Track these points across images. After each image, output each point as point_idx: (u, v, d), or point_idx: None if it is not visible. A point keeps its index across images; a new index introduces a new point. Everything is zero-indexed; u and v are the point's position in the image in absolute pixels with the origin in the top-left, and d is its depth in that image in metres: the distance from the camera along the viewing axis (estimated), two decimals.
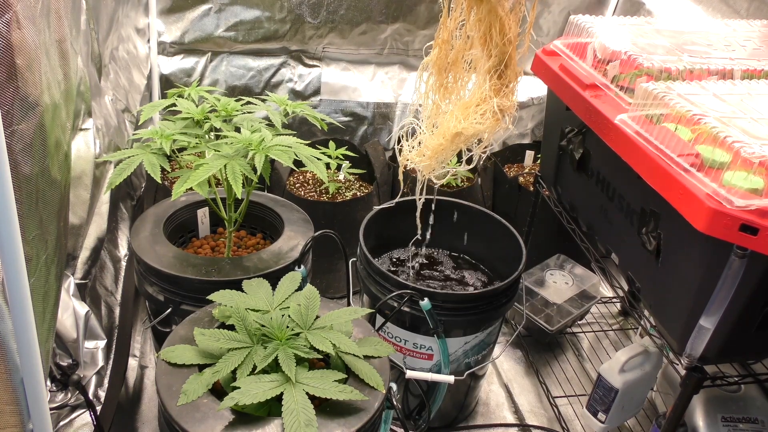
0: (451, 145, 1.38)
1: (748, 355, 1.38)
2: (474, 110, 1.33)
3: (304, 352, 1.12)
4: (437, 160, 1.42)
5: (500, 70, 1.31)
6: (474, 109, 1.33)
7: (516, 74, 1.33)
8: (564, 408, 1.88)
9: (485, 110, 1.31)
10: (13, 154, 0.93)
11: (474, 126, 1.33)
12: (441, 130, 1.38)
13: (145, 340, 1.94)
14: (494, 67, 1.30)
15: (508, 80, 1.32)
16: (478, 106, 1.32)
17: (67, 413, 1.42)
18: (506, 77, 1.31)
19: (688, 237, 1.13)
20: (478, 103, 1.32)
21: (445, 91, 1.39)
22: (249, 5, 2.23)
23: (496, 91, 1.31)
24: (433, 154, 1.41)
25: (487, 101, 1.32)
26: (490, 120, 1.32)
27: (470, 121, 1.32)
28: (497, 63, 1.30)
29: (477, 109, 1.33)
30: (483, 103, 1.32)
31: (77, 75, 1.42)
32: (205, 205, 1.76)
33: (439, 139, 1.38)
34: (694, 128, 1.13)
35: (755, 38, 1.56)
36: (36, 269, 1.04)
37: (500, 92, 1.32)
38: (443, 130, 1.38)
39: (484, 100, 1.31)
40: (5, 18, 0.87)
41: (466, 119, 1.33)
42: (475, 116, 1.32)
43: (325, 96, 2.44)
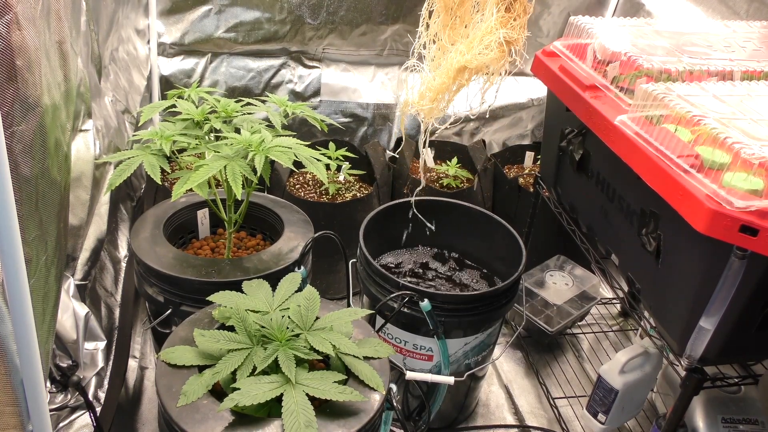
0: (454, 82, 1.33)
1: (748, 356, 1.38)
2: (479, 42, 1.29)
3: (304, 353, 1.11)
4: (439, 101, 1.38)
5: (508, 3, 1.27)
6: (479, 42, 1.29)
7: (525, 8, 1.29)
8: (564, 409, 1.88)
9: (490, 41, 1.27)
10: (13, 155, 0.93)
11: (477, 58, 1.28)
12: (444, 67, 1.33)
13: (145, 341, 1.94)
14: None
15: (516, 14, 1.28)
16: (484, 38, 1.28)
17: (67, 414, 1.42)
18: (514, 10, 1.28)
19: (688, 238, 1.13)
20: (484, 36, 1.28)
21: (451, 31, 1.35)
22: (249, 6, 2.24)
23: (503, 23, 1.27)
24: (434, 95, 1.36)
25: (492, 32, 1.27)
26: (495, 51, 1.27)
27: (474, 53, 1.27)
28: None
29: (482, 41, 1.28)
30: (489, 34, 1.28)
31: (77, 76, 1.42)
32: (205, 206, 1.76)
33: (442, 77, 1.34)
34: (694, 129, 1.13)
35: (755, 39, 1.56)
36: (36, 270, 1.04)
37: (507, 24, 1.27)
38: (446, 68, 1.33)
39: (490, 32, 1.27)
40: (5, 19, 0.87)
41: (470, 52, 1.28)
42: (479, 48, 1.28)
43: (325, 97, 2.44)
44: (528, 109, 2.62)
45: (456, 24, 1.33)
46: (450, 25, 1.33)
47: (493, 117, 2.59)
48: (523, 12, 1.29)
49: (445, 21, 1.32)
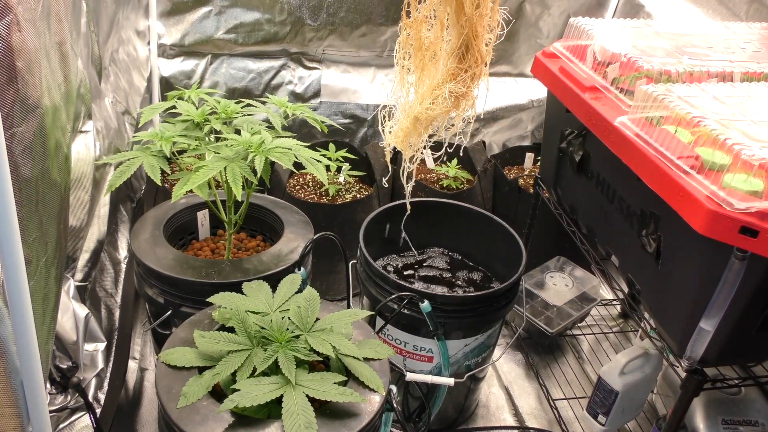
0: (414, 129, 1.32)
1: (749, 358, 1.38)
2: (430, 95, 1.26)
3: (304, 355, 1.11)
4: (407, 144, 1.38)
5: (460, 53, 1.22)
6: (430, 94, 1.27)
7: (478, 59, 1.23)
8: (564, 410, 1.88)
9: (437, 95, 1.25)
10: (13, 156, 0.93)
11: (426, 112, 1.27)
12: (407, 112, 1.33)
13: (145, 343, 1.94)
14: (454, 49, 1.21)
15: (467, 64, 1.23)
16: (434, 90, 1.26)
17: (67, 416, 1.42)
18: (466, 61, 1.22)
19: (688, 239, 1.13)
20: (434, 88, 1.25)
21: (422, 73, 1.31)
22: (249, 7, 2.24)
23: (453, 76, 1.23)
24: (403, 137, 1.36)
25: (440, 87, 1.24)
26: (441, 106, 1.25)
27: (424, 105, 1.26)
28: (458, 45, 1.21)
29: (432, 94, 1.26)
30: (437, 88, 1.25)
31: (77, 77, 1.42)
32: (205, 208, 1.76)
33: (406, 122, 1.34)
34: (694, 130, 1.13)
35: (755, 41, 1.56)
36: (36, 271, 1.04)
37: (457, 77, 1.23)
38: (408, 113, 1.33)
39: (437, 86, 1.25)
40: (6, 21, 0.87)
41: (422, 104, 1.27)
42: (427, 102, 1.27)
43: (325, 98, 2.45)
44: (528, 110, 2.62)
45: (428, 65, 1.30)
46: (422, 67, 1.30)
47: (493, 118, 2.59)
48: (475, 63, 1.24)
49: (417, 63, 1.29)
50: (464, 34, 1.18)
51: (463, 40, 1.19)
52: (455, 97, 1.24)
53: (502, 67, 2.56)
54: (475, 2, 1.16)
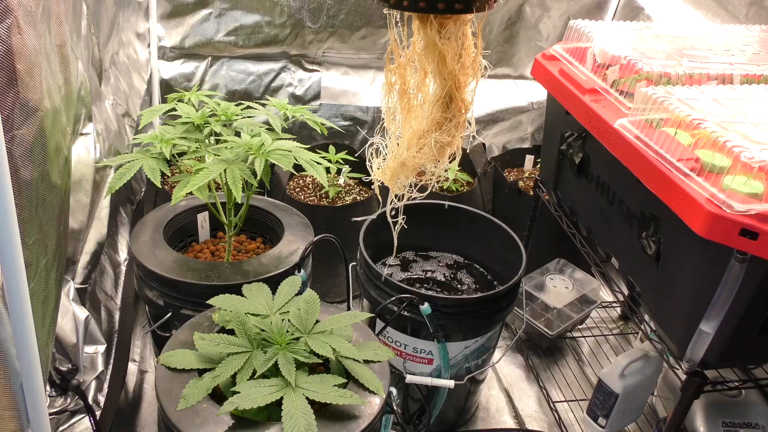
0: (402, 171, 1.34)
1: (749, 360, 1.38)
2: (416, 142, 1.27)
3: (304, 357, 1.11)
4: (395, 182, 1.38)
5: (445, 102, 1.22)
6: (416, 141, 1.27)
7: (461, 108, 1.24)
8: (564, 413, 1.88)
9: (423, 144, 1.26)
10: (13, 158, 0.93)
11: (413, 159, 1.29)
12: (394, 155, 1.34)
13: (145, 345, 1.94)
14: (439, 98, 1.22)
15: (451, 113, 1.23)
16: (419, 139, 1.26)
17: (67, 418, 1.42)
18: (450, 110, 1.23)
19: (688, 241, 1.13)
20: (420, 136, 1.26)
21: (407, 114, 1.30)
22: (249, 10, 2.24)
23: (438, 125, 1.24)
24: (390, 176, 1.37)
25: (425, 136, 1.25)
26: (427, 155, 1.27)
27: (410, 153, 1.28)
28: (442, 95, 1.21)
29: (419, 142, 1.27)
30: (423, 137, 1.26)
31: (78, 80, 1.42)
32: (205, 210, 1.76)
33: (394, 163, 1.35)
34: (694, 133, 1.13)
35: (754, 43, 1.56)
36: (36, 274, 1.03)
37: (443, 125, 1.24)
38: (395, 156, 1.34)
39: (425, 133, 1.25)
40: (6, 23, 0.87)
41: (409, 150, 1.28)
42: (414, 149, 1.28)
43: (325, 100, 2.45)
44: (528, 112, 2.62)
45: (414, 108, 1.29)
46: (407, 109, 1.29)
47: (493, 120, 2.59)
48: (459, 112, 1.23)
49: (403, 105, 1.29)
50: (447, 86, 1.19)
51: (447, 90, 1.20)
52: (440, 146, 1.27)
53: (502, 69, 2.56)
54: (456, 55, 1.17)
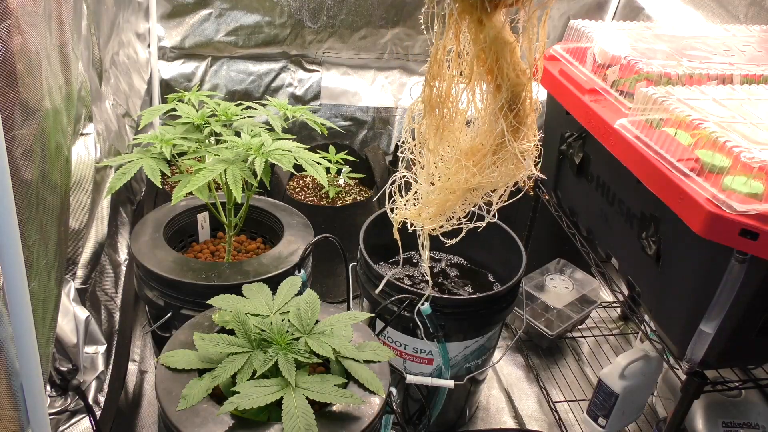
0: (460, 200, 1.13)
1: (749, 360, 1.38)
2: (491, 159, 1.06)
3: (304, 357, 1.11)
4: (444, 217, 1.18)
5: (516, 107, 1.02)
6: (491, 159, 1.06)
7: (533, 108, 1.06)
8: (564, 413, 1.88)
9: (504, 158, 1.05)
10: (13, 158, 0.93)
11: (490, 179, 1.07)
12: (448, 184, 1.11)
13: (145, 345, 1.94)
14: (507, 103, 1.02)
15: (525, 115, 1.03)
16: (495, 154, 1.05)
17: (67, 418, 1.42)
18: (522, 113, 1.03)
19: (688, 241, 1.14)
20: (495, 151, 1.05)
21: (440, 135, 1.10)
22: (249, 10, 2.24)
23: (514, 133, 1.04)
24: (438, 211, 1.16)
25: (504, 147, 1.04)
26: (512, 169, 1.07)
27: (487, 173, 1.06)
28: (510, 98, 1.01)
29: (494, 158, 1.06)
30: (500, 149, 1.05)
31: (78, 80, 1.42)
32: (205, 210, 1.76)
33: (446, 194, 1.12)
34: (694, 133, 1.13)
35: (754, 43, 1.57)
36: (36, 274, 1.03)
37: (518, 133, 1.04)
38: (451, 185, 1.11)
39: (500, 145, 1.05)
40: (6, 23, 0.87)
41: (482, 171, 1.06)
42: (492, 166, 1.06)
43: (325, 100, 2.45)
44: None
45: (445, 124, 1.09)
46: (438, 126, 1.09)
47: None
48: (531, 111, 1.06)
49: (432, 122, 1.09)
50: (511, 86, 0.99)
51: (511, 91, 1.01)
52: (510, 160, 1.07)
53: None
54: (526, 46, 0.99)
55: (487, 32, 0.96)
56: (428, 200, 1.16)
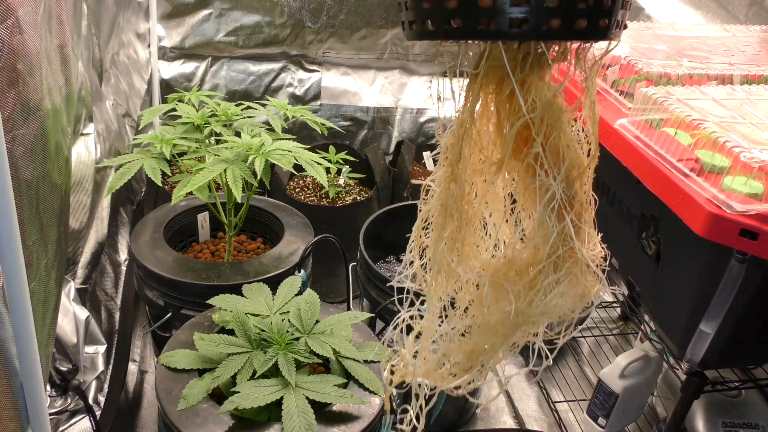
0: (505, 343, 0.79)
1: (749, 360, 1.38)
2: (551, 277, 0.73)
3: (304, 357, 1.11)
4: (475, 370, 0.82)
5: (570, 197, 0.74)
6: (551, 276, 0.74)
7: (590, 198, 0.79)
8: (564, 413, 1.88)
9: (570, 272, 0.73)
10: (13, 158, 0.93)
11: (553, 307, 0.74)
12: (483, 320, 0.78)
13: (145, 345, 1.94)
14: (565, 194, 0.73)
15: (583, 208, 0.77)
16: (557, 269, 0.74)
17: (67, 418, 1.42)
18: (580, 205, 0.76)
19: (688, 242, 1.13)
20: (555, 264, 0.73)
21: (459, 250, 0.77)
22: (249, 10, 2.24)
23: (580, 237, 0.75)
24: (468, 363, 0.81)
25: (567, 257, 0.73)
26: (582, 286, 0.75)
27: (548, 300, 0.73)
28: (565, 190, 0.73)
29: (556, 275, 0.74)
30: (564, 260, 0.73)
31: (78, 80, 1.42)
32: (205, 210, 1.76)
33: (483, 336, 0.78)
34: (694, 133, 1.13)
35: (754, 43, 1.57)
36: (36, 274, 1.04)
37: (579, 234, 0.75)
38: (489, 322, 0.77)
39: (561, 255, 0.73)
40: (7, 23, 0.87)
41: (538, 295, 0.73)
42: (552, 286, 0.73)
43: (325, 100, 2.45)
44: None
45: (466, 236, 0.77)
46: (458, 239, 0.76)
47: None
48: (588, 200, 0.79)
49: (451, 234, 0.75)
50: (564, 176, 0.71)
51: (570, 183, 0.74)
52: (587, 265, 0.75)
53: None
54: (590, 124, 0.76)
55: (536, 96, 0.69)
56: (452, 348, 0.80)
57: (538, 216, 0.73)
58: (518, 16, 0.59)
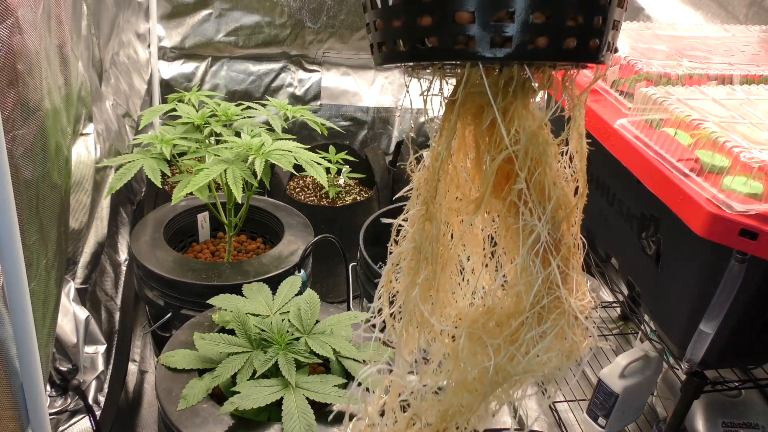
0: (481, 403, 0.74)
1: (749, 360, 1.38)
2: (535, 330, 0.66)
3: (304, 357, 1.11)
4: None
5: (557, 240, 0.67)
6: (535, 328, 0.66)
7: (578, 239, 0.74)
8: (564, 413, 1.88)
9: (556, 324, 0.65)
10: (13, 158, 0.93)
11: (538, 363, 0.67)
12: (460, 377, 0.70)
13: (145, 345, 1.94)
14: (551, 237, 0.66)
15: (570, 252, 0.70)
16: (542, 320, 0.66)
17: (67, 418, 1.42)
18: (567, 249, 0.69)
19: (688, 242, 1.13)
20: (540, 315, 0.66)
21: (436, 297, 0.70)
22: (249, 10, 2.24)
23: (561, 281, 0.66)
24: (441, 425, 0.75)
25: (553, 307, 0.66)
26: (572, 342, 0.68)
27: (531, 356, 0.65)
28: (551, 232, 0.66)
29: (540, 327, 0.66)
30: (550, 311, 0.66)
31: (78, 80, 1.42)
32: (205, 210, 1.76)
33: (458, 395, 0.72)
34: (694, 133, 1.13)
35: (754, 43, 1.57)
36: (36, 274, 1.04)
37: (566, 281, 0.69)
38: (466, 379, 0.70)
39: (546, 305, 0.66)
40: (6, 23, 0.87)
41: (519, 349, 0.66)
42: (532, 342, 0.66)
43: (325, 100, 2.45)
44: None
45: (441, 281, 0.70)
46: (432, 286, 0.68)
47: None
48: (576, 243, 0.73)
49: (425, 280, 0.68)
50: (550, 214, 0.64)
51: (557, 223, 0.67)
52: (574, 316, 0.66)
53: None
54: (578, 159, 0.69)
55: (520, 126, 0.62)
56: (424, 407, 0.72)
57: (521, 260, 0.66)
58: (501, 34, 0.52)
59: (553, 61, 0.59)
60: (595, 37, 0.56)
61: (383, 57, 0.60)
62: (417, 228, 0.68)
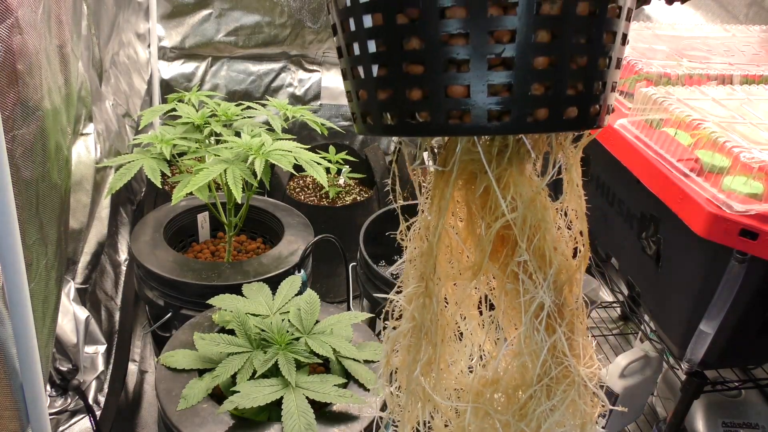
0: None
1: (749, 360, 1.38)
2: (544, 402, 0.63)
3: (304, 357, 1.11)
4: None
5: (559, 305, 0.64)
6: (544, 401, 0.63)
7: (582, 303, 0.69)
8: None
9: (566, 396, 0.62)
10: (13, 158, 0.93)
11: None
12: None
13: (145, 345, 1.94)
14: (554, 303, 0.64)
15: (574, 316, 0.67)
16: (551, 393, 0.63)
17: (67, 418, 1.42)
18: (571, 314, 0.66)
19: (688, 242, 1.14)
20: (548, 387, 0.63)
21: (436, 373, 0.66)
22: (249, 10, 2.24)
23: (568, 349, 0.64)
24: None
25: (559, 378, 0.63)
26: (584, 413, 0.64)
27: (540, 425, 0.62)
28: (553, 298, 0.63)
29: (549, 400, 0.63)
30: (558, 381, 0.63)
31: (78, 80, 1.42)
32: (205, 210, 1.76)
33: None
34: (694, 133, 1.13)
35: (754, 43, 1.57)
36: (36, 274, 1.04)
37: (572, 347, 0.65)
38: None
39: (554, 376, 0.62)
40: (6, 23, 0.87)
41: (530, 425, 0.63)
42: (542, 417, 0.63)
43: (325, 100, 2.45)
44: None
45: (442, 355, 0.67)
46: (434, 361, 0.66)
47: None
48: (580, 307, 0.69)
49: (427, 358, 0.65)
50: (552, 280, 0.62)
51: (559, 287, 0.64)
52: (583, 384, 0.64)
53: None
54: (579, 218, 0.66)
55: (516, 193, 0.59)
56: None
57: (524, 329, 0.62)
58: (498, 108, 0.48)
59: (553, 132, 0.57)
60: (594, 103, 0.54)
61: (369, 129, 0.55)
62: (416, 305, 0.64)
